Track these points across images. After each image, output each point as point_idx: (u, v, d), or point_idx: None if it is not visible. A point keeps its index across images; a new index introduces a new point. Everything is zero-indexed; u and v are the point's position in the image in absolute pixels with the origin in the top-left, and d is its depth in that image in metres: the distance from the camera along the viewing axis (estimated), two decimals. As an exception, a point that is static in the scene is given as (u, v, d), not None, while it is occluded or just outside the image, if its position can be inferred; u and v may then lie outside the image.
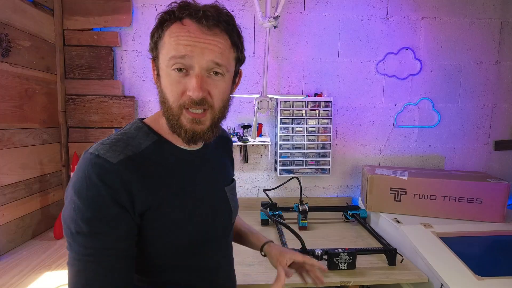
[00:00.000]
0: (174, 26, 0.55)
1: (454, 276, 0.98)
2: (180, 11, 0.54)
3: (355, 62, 1.73)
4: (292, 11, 1.67)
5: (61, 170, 1.54)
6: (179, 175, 0.62)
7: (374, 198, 1.47)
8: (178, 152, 0.63)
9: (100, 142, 0.56)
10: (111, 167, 0.52)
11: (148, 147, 0.59)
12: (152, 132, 0.62)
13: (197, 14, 0.54)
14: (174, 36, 0.54)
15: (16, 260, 1.14)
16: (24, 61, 1.29)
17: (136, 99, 1.64)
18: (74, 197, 0.51)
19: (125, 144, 0.57)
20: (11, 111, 1.22)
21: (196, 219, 0.62)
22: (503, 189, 1.34)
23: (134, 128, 0.62)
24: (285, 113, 1.66)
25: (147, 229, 0.57)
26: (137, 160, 0.56)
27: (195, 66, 0.55)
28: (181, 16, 0.55)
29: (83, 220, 0.50)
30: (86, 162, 0.52)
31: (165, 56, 0.56)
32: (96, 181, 0.50)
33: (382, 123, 1.78)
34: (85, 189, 0.50)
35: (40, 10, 1.40)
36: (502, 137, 1.83)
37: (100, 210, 0.50)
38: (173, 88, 0.56)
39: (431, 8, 1.72)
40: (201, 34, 0.54)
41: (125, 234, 0.53)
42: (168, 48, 0.55)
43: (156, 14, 0.58)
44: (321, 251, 1.08)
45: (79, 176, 0.52)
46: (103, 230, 0.51)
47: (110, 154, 0.53)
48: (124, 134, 0.59)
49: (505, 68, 1.79)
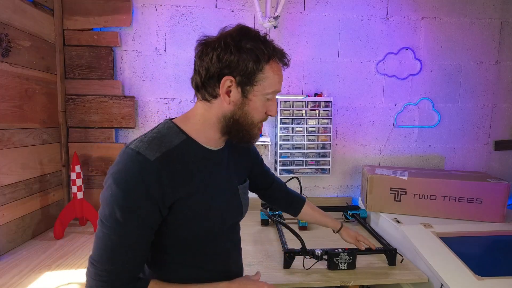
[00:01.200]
0: (274, 64, 0.68)
1: (454, 276, 0.98)
2: (276, 51, 0.68)
3: (355, 62, 1.73)
4: (292, 11, 1.67)
5: (61, 170, 1.54)
6: (203, 171, 0.70)
7: (374, 198, 1.47)
8: (203, 151, 0.71)
9: (139, 140, 0.64)
10: (149, 164, 0.60)
11: (178, 145, 0.67)
12: (181, 131, 0.69)
13: (281, 54, 0.69)
14: (276, 75, 0.68)
15: (16, 260, 1.14)
16: (24, 61, 1.29)
17: (136, 99, 1.64)
18: (113, 185, 0.59)
19: (160, 141, 0.65)
20: (11, 111, 1.22)
21: (213, 212, 0.71)
22: (503, 189, 1.34)
23: (166, 127, 0.69)
24: (285, 113, 1.66)
25: (173, 218, 0.65)
26: (170, 156, 0.64)
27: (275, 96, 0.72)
28: (274, 54, 0.67)
29: (118, 207, 0.59)
30: (128, 157, 0.61)
31: (266, 88, 0.67)
32: (136, 175, 0.59)
33: (382, 123, 1.78)
34: (124, 181, 0.59)
35: (40, 10, 1.40)
36: (502, 137, 1.83)
37: (134, 202, 0.59)
38: (261, 109, 0.70)
39: (431, 8, 1.72)
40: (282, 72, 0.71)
41: (151, 224, 0.63)
42: (271, 82, 0.68)
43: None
44: (321, 251, 1.08)
45: (120, 167, 0.60)
46: (133, 218, 0.60)
47: (149, 152, 0.61)
48: (158, 133, 0.67)
49: (505, 68, 1.79)
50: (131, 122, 1.61)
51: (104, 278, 0.60)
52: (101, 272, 0.60)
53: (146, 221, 0.61)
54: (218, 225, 0.73)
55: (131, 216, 0.59)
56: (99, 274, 0.60)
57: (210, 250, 0.74)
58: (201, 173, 0.69)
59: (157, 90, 1.65)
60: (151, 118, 1.66)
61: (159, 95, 1.66)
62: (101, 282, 0.60)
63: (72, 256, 1.18)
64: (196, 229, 0.69)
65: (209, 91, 0.67)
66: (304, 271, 1.09)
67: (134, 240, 0.61)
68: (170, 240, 0.69)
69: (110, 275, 0.60)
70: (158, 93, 1.65)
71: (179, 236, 0.68)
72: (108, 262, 0.60)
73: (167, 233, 0.67)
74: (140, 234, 0.62)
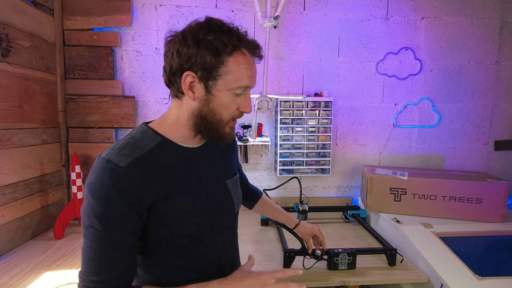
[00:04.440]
0: (239, 56, 0.63)
1: (454, 276, 0.98)
2: (240, 40, 0.63)
3: (355, 62, 1.73)
4: (292, 11, 1.67)
5: (61, 170, 1.54)
6: (182, 171, 0.68)
7: (374, 198, 1.47)
8: (181, 151, 0.69)
9: (110, 148, 0.63)
10: (120, 170, 0.59)
11: (153, 148, 0.65)
12: (156, 134, 0.68)
13: (251, 46, 0.65)
14: (242, 67, 0.64)
15: (16, 260, 1.14)
16: (24, 61, 1.29)
17: (136, 99, 1.64)
18: (89, 195, 0.59)
19: (132, 147, 0.63)
20: (11, 111, 1.22)
21: (199, 211, 0.69)
22: (503, 189, 1.34)
23: (139, 132, 0.68)
24: (285, 113, 1.66)
25: (154, 220, 0.64)
26: (143, 160, 0.63)
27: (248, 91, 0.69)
28: (239, 45, 0.63)
29: (95, 216, 0.58)
30: (99, 166, 0.60)
31: (231, 82, 0.64)
32: (107, 183, 0.58)
33: (382, 123, 1.78)
34: (98, 190, 0.58)
35: (40, 10, 1.40)
36: (502, 137, 1.83)
37: (110, 208, 0.59)
38: (231, 106, 0.66)
39: (431, 8, 1.72)
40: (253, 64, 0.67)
41: (130, 229, 0.61)
42: (236, 76, 0.64)
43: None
44: (321, 251, 1.08)
45: (93, 177, 0.60)
46: (111, 225, 0.59)
47: (119, 158, 0.60)
48: (131, 138, 0.66)
49: (505, 68, 1.79)
50: (131, 122, 1.61)
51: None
52: (88, 284, 0.59)
53: (125, 227, 0.60)
54: (204, 223, 0.71)
55: (109, 224, 0.59)
56: (87, 286, 0.59)
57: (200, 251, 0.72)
58: (180, 172, 0.68)
59: (157, 90, 1.65)
60: (151, 118, 1.66)
61: (159, 95, 1.66)
62: None
63: (72, 256, 1.18)
64: (180, 229, 0.67)
65: (176, 88, 0.65)
66: (304, 271, 1.09)
67: (116, 248, 0.60)
68: (155, 243, 0.67)
69: (98, 285, 0.59)
70: (158, 93, 1.65)
71: (163, 238, 0.67)
72: (93, 272, 0.59)
73: (151, 236, 0.66)
74: (121, 241, 0.60)
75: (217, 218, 0.74)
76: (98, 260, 0.59)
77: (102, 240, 0.59)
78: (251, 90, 0.73)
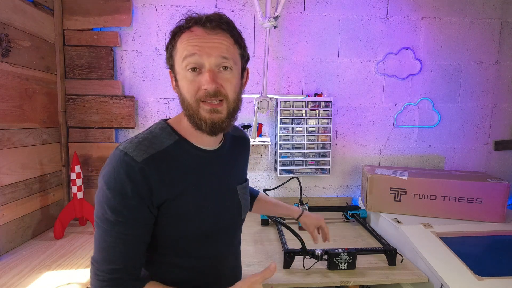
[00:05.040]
0: (184, 34, 0.63)
1: (454, 276, 0.98)
2: (188, 22, 0.63)
3: (355, 62, 1.73)
4: (292, 11, 1.67)
5: (61, 170, 1.54)
6: (194, 172, 0.69)
7: (374, 198, 1.47)
8: (196, 151, 0.70)
9: (129, 140, 0.64)
10: (136, 165, 0.60)
11: (170, 145, 0.66)
12: (174, 132, 0.69)
13: (201, 20, 0.62)
14: (184, 41, 0.63)
15: (16, 260, 1.14)
16: (24, 61, 1.29)
17: (136, 99, 1.64)
18: (104, 186, 0.60)
19: (150, 143, 0.65)
20: (11, 111, 1.22)
21: (205, 213, 0.69)
22: (503, 189, 1.34)
23: (159, 128, 0.69)
24: (285, 113, 1.66)
25: (163, 219, 0.65)
26: (159, 157, 0.64)
27: (205, 63, 0.62)
28: (189, 26, 0.63)
29: (109, 207, 0.60)
30: (116, 158, 0.61)
31: (179, 60, 0.63)
32: (122, 175, 0.59)
33: (382, 123, 1.78)
34: (113, 181, 0.60)
35: (40, 10, 1.40)
36: (502, 137, 1.83)
37: (123, 201, 0.60)
38: (190, 86, 0.63)
39: (431, 8, 1.72)
40: (207, 35, 0.62)
41: (142, 222, 0.62)
42: (181, 52, 0.63)
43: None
44: (321, 251, 1.08)
45: (109, 169, 0.61)
46: (123, 218, 0.60)
47: (136, 153, 0.61)
48: (150, 134, 0.67)
49: (505, 68, 1.79)
50: (131, 122, 1.61)
51: (101, 278, 0.61)
52: (99, 272, 0.61)
53: (136, 221, 0.61)
54: (211, 227, 0.71)
55: (121, 216, 0.60)
56: (97, 274, 0.61)
57: (202, 253, 0.72)
58: (193, 173, 0.68)
59: (157, 90, 1.65)
60: (151, 118, 1.66)
61: (159, 95, 1.66)
62: (99, 281, 0.61)
63: (72, 256, 1.18)
64: (185, 230, 0.67)
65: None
66: (304, 271, 1.09)
67: (126, 240, 0.61)
68: (159, 241, 0.68)
69: (107, 275, 0.61)
70: (158, 93, 1.65)
71: (168, 237, 0.68)
72: (104, 261, 0.61)
73: (155, 233, 0.66)
74: (132, 234, 0.61)
75: (223, 222, 0.74)
76: (108, 250, 0.61)
77: (113, 231, 0.60)
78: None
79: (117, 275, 0.61)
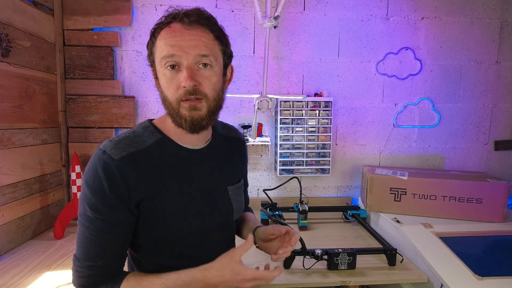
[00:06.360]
0: (163, 31, 0.62)
1: (454, 276, 0.98)
2: (167, 18, 0.62)
3: (355, 62, 1.73)
4: (292, 11, 1.67)
5: (61, 170, 1.54)
6: (177, 171, 0.68)
7: (374, 198, 1.47)
8: (179, 150, 0.69)
9: (109, 139, 0.64)
10: (113, 163, 0.60)
11: (152, 144, 0.66)
12: (157, 131, 0.69)
13: (179, 15, 0.61)
14: (163, 39, 0.62)
15: (16, 260, 1.14)
16: (24, 61, 1.29)
17: (136, 99, 1.64)
18: (84, 184, 0.62)
19: (130, 141, 0.65)
20: (11, 111, 1.22)
21: (191, 213, 0.68)
22: (503, 189, 1.34)
23: (142, 127, 0.69)
24: (285, 113, 1.66)
25: (144, 218, 0.65)
26: (138, 156, 0.63)
27: (183, 61, 0.61)
28: (168, 22, 0.62)
29: (88, 204, 0.60)
30: (95, 157, 0.62)
31: (158, 59, 0.63)
32: (100, 173, 0.60)
33: (382, 123, 1.78)
34: (92, 179, 0.61)
35: (40, 10, 1.40)
36: (502, 137, 1.83)
37: (101, 198, 0.60)
38: (169, 85, 0.63)
39: (431, 8, 1.72)
40: (185, 31, 0.61)
41: (120, 221, 0.62)
42: (160, 50, 0.62)
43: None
44: (321, 251, 1.08)
45: (89, 167, 0.62)
46: (102, 215, 0.60)
47: (114, 151, 0.61)
48: (132, 133, 0.67)
49: (505, 68, 1.78)
50: (131, 122, 1.61)
51: (81, 274, 0.62)
52: (79, 268, 0.62)
53: (115, 218, 0.61)
54: (197, 227, 0.69)
55: (100, 213, 0.60)
56: (77, 270, 0.63)
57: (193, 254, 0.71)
58: (176, 172, 0.67)
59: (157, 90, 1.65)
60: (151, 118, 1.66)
61: (159, 95, 1.65)
62: (79, 278, 0.62)
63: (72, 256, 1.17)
64: (167, 230, 0.66)
65: None
66: (304, 271, 1.09)
67: (105, 237, 0.61)
68: (142, 240, 0.68)
69: (86, 271, 0.62)
70: (158, 93, 1.64)
71: (150, 237, 0.67)
72: (84, 258, 0.62)
73: (140, 234, 0.66)
74: (111, 231, 0.62)
75: (211, 223, 0.72)
76: (88, 247, 0.62)
77: (92, 228, 0.61)
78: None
79: (96, 271, 0.62)
